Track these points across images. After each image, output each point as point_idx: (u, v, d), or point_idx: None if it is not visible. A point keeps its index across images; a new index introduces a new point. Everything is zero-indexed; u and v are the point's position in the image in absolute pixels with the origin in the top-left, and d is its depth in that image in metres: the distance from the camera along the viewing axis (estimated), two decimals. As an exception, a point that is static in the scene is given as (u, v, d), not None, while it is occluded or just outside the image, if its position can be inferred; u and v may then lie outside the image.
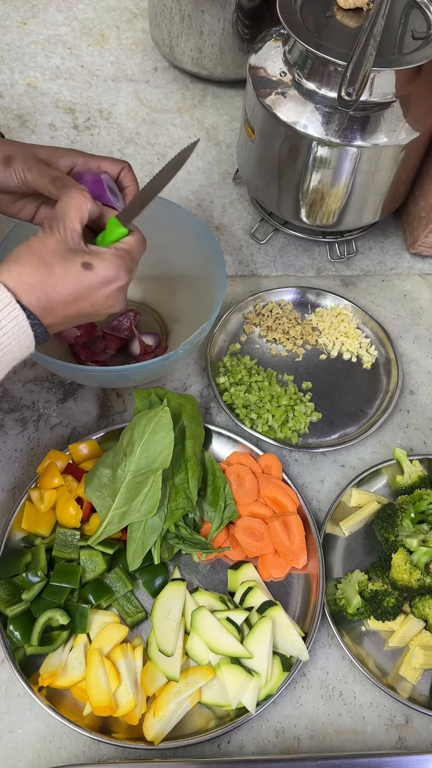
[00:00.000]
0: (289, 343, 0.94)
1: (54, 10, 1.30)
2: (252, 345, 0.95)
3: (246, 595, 0.74)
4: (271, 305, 0.97)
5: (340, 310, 0.97)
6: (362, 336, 0.95)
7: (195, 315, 0.84)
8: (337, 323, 0.95)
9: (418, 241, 1.01)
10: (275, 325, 0.95)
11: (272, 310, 0.96)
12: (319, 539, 0.77)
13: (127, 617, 0.74)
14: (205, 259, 0.83)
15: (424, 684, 0.73)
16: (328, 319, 0.96)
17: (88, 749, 0.69)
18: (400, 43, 0.82)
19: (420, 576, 0.73)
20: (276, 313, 0.96)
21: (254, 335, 0.95)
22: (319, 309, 0.97)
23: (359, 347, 0.94)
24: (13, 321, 0.55)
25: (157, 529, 0.73)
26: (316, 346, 0.95)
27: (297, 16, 0.82)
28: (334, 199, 0.91)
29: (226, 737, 0.70)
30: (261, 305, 0.97)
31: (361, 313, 0.96)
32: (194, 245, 0.84)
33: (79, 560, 0.74)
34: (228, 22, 1.08)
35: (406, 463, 0.83)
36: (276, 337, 0.95)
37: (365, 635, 0.75)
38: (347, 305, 0.97)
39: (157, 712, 0.67)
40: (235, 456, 0.83)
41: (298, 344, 0.95)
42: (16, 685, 0.71)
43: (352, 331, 0.95)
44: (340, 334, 0.95)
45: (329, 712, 0.72)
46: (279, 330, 0.95)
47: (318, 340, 0.95)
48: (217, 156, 1.14)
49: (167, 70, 1.23)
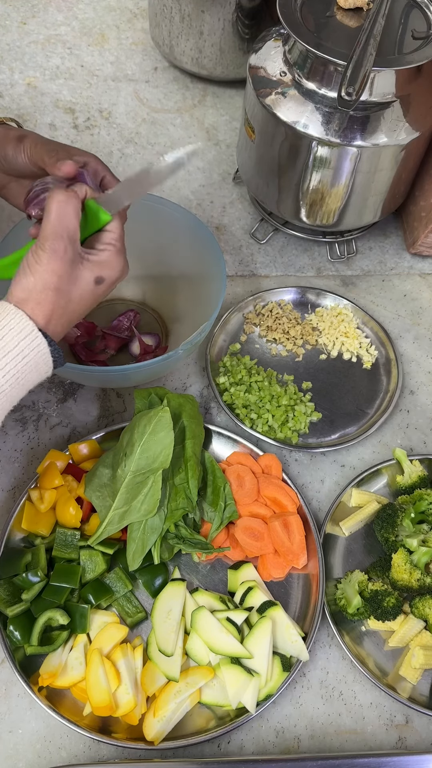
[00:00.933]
0: (289, 343, 0.94)
1: (54, 9, 1.30)
2: (252, 345, 0.95)
3: (246, 595, 0.74)
4: (271, 305, 0.97)
5: (340, 310, 0.97)
6: (362, 336, 0.95)
7: (195, 315, 0.84)
8: (337, 323, 0.95)
9: (418, 241, 1.01)
10: (275, 325, 0.95)
11: (272, 310, 0.96)
12: (319, 539, 0.77)
13: (127, 617, 0.74)
14: (205, 259, 0.83)
15: (424, 684, 0.73)
16: (328, 319, 0.96)
17: (88, 749, 0.69)
18: (400, 42, 0.82)
19: (420, 576, 0.73)
20: (276, 313, 0.96)
21: (254, 335, 0.95)
22: (319, 309, 0.97)
23: (359, 347, 0.94)
24: (35, 350, 0.57)
25: (157, 529, 0.73)
26: (317, 346, 0.95)
27: (297, 15, 0.82)
28: (334, 199, 0.91)
29: (226, 737, 0.70)
30: (261, 305, 0.97)
31: (361, 313, 0.96)
32: (194, 245, 0.84)
33: (79, 560, 0.74)
34: (228, 21, 1.08)
35: (406, 463, 0.83)
36: (276, 337, 0.95)
37: (365, 635, 0.75)
38: (347, 305, 0.97)
39: (157, 712, 0.67)
40: (235, 456, 0.83)
41: (298, 344, 0.95)
42: (16, 685, 0.71)
43: (352, 331, 0.95)
44: (340, 334, 0.95)
45: (329, 712, 0.72)
46: (279, 330, 0.95)
47: (318, 340, 0.95)
48: (217, 156, 1.14)
49: (167, 70, 1.23)
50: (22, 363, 0.57)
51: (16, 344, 0.56)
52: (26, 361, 0.57)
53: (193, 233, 0.84)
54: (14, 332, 0.56)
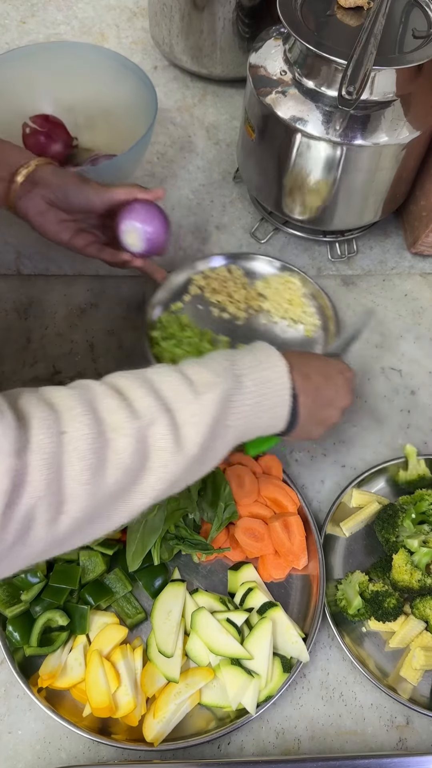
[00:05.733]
0: (232, 306, 0.95)
1: (53, 9, 1.30)
2: (194, 305, 0.95)
3: (246, 596, 0.74)
4: (221, 269, 0.97)
5: (287, 278, 0.97)
6: (307, 305, 0.95)
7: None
8: (283, 290, 0.96)
9: (419, 241, 1.01)
10: (221, 288, 0.96)
11: (220, 273, 0.97)
12: (319, 540, 0.77)
13: (127, 618, 0.74)
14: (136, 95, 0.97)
15: (424, 685, 0.73)
16: (274, 285, 0.96)
17: (87, 750, 0.69)
18: (401, 41, 0.82)
19: (421, 577, 0.72)
20: (223, 275, 0.97)
21: (199, 296, 0.96)
22: (269, 276, 0.98)
23: (303, 314, 0.95)
24: (281, 396, 0.62)
25: (156, 529, 0.73)
26: (260, 311, 0.95)
27: (297, 14, 0.82)
28: (334, 199, 0.91)
29: (226, 738, 0.70)
30: (210, 268, 0.97)
31: (311, 285, 0.96)
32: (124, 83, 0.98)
33: (79, 561, 0.74)
34: (228, 20, 1.07)
35: (413, 461, 0.83)
36: (220, 299, 0.95)
37: (366, 636, 0.75)
38: (297, 275, 0.97)
39: (157, 714, 0.67)
40: (235, 456, 0.83)
41: (241, 308, 0.95)
42: (15, 686, 0.71)
43: (297, 300, 0.95)
44: (284, 301, 0.95)
45: (330, 713, 0.72)
46: (224, 293, 0.96)
47: (262, 306, 0.96)
48: (217, 155, 1.13)
49: (167, 69, 1.23)
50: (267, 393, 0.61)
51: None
52: (270, 397, 0.61)
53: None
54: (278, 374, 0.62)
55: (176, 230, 1.04)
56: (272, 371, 0.61)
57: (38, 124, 1.00)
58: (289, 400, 0.62)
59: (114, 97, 1.02)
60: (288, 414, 0.62)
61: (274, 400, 0.61)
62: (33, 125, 0.99)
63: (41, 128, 1.00)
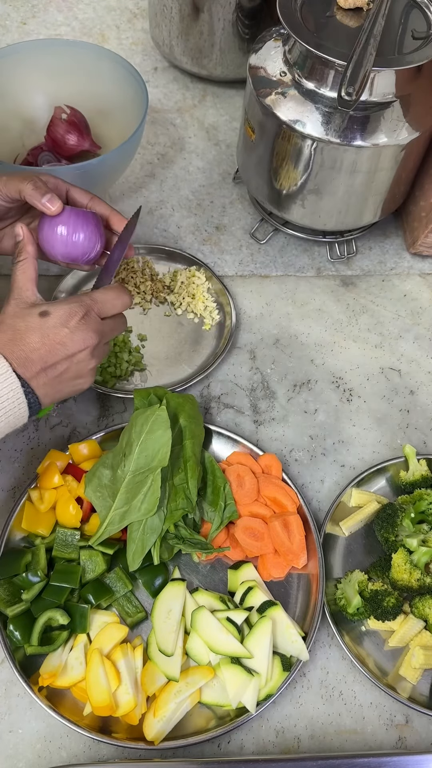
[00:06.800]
0: (138, 297, 0.97)
1: (54, 10, 1.30)
2: None
3: (246, 595, 0.74)
4: (133, 260, 0.99)
5: (192, 272, 0.99)
6: (209, 300, 0.97)
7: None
8: (187, 284, 0.98)
9: (418, 241, 1.01)
10: (128, 278, 0.98)
11: (131, 264, 0.99)
12: (319, 539, 0.77)
13: (127, 617, 0.74)
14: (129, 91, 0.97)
15: (424, 684, 0.73)
16: (180, 279, 0.98)
17: (88, 749, 0.69)
18: (400, 43, 0.82)
19: (420, 576, 0.73)
20: (132, 266, 0.99)
21: None
22: (177, 270, 0.99)
23: (204, 309, 0.97)
24: (8, 387, 0.62)
25: (156, 529, 0.73)
26: (165, 303, 0.98)
27: (297, 16, 0.82)
28: (333, 199, 0.91)
29: (226, 737, 0.70)
30: (124, 261, 0.98)
31: (215, 281, 0.98)
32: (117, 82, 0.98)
33: (79, 560, 0.74)
34: (228, 22, 1.08)
35: (413, 461, 0.83)
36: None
37: (365, 635, 0.75)
38: (205, 271, 0.99)
39: (157, 712, 0.67)
40: (235, 456, 0.83)
41: (147, 299, 0.97)
42: (16, 685, 0.71)
43: (200, 294, 0.97)
44: (188, 294, 0.97)
45: (329, 712, 0.72)
46: (131, 283, 0.98)
47: (167, 298, 0.98)
48: (217, 156, 1.14)
49: (167, 70, 1.23)
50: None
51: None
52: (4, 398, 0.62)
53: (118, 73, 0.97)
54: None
55: (176, 230, 1.05)
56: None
57: (76, 116, 1.01)
58: (23, 399, 0.63)
59: (104, 94, 1.02)
60: (26, 407, 0.64)
61: (7, 406, 0.62)
62: (69, 114, 1.00)
63: (77, 120, 1.01)
